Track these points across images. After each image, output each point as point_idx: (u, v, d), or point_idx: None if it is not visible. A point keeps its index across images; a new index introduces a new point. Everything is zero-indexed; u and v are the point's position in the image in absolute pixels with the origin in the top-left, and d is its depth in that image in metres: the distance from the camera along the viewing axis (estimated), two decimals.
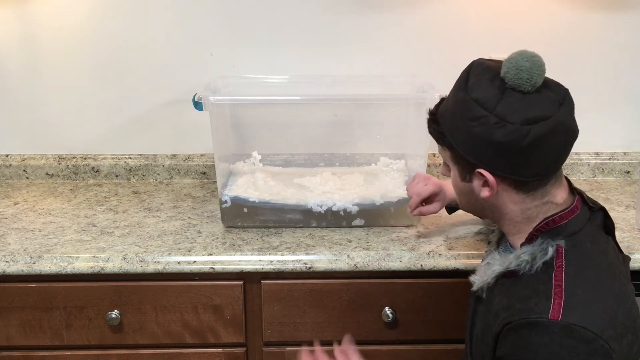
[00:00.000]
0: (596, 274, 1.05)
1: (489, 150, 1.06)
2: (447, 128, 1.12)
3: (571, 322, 0.99)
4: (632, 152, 1.96)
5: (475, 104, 1.05)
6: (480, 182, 1.11)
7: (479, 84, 1.07)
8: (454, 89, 1.12)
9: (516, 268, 1.09)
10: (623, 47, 1.88)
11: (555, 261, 1.06)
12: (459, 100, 1.08)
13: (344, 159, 1.82)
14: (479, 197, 1.12)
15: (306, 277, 1.46)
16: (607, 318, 1.00)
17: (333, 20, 1.83)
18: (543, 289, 1.03)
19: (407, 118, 1.74)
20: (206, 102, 1.48)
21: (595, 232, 1.11)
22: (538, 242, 1.08)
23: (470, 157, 1.09)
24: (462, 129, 1.08)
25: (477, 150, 1.07)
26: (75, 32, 1.83)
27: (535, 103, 1.04)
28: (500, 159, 1.06)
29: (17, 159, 1.92)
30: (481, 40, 1.85)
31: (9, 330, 1.47)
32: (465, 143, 1.08)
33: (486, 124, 1.04)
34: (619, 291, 1.05)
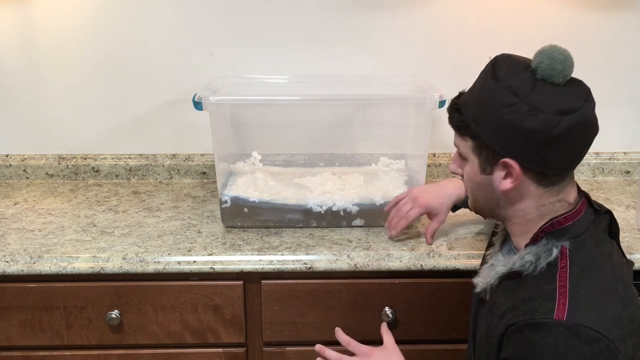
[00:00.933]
0: (600, 275, 1.04)
1: (519, 138, 1.05)
2: (472, 117, 1.10)
3: (576, 322, 0.98)
4: (632, 152, 1.96)
5: (507, 92, 1.05)
6: (502, 174, 1.09)
7: (510, 73, 1.07)
8: (481, 79, 1.12)
9: (520, 269, 1.08)
10: (623, 47, 1.88)
11: (560, 262, 1.05)
12: (489, 88, 1.08)
13: (344, 159, 1.82)
14: (497, 191, 1.11)
15: (306, 277, 1.46)
16: (612, 319, 1.00)
17: (333, 20, 1.83)
18: (547, 290, 1.03)
19: (407, 118, 1.74)
20: (206, 102, 1.48)
21: (600, 235, 1.11)
22: (542, 243, 1.08)
23: (498, 145, 1.07)
24: (492, 117, 1.06)
25: (505, 138, 1.06)
26: (76, 32, 1.83)
27: (565, 95, 1.05)
28: (529, 148, 1.05)
29: (17, 159, 1.92)
30: (481, 40, 1.85)
31: (9, 330, 1.47)
32: (493, 131, 1.07)
33: (518, 111, 1.03)
34: (623, 293, 1.04)
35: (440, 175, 1.94)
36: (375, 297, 1.47)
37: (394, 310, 1.46)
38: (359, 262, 1.43)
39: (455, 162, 1.19)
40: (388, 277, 1.46)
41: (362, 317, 1.48)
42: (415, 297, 1.47)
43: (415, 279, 1.46)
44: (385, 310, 1.46)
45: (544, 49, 1.08)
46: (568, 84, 1.07)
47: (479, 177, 1.12)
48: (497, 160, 1.08)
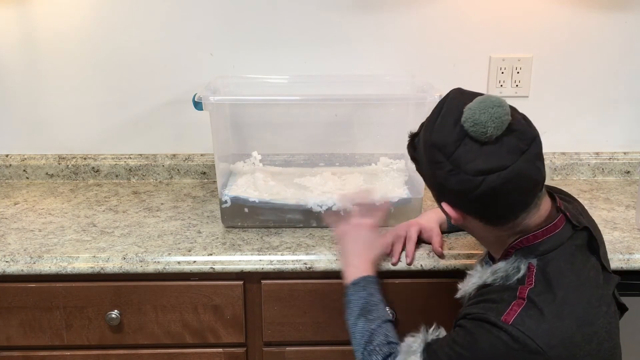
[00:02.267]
0: (563, 294, 1.06)
1: (448, 193, 1.09)
2: (418, 157, 1.15)
3: (520, 329, 1.02)
4: (632, 152, 1.96)
5: (434, 148, 1.07)
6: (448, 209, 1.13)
7: (442, 126, 1.07)
8: (427, 121, 1.13)
9: (492, 283, 1.13)
10: (623, 47, 1.88)
11: (527, 279, 1.09)
12: (425, 139, 1.11)
13: (344, 159, 1.82)
14: None
15: (306, 277, 1.46)
16: (560, 338, 1.02)
17: (333, 20, 1.83)
18: (507, 299, 1.07)
19: (407, 118, 1.74)
20: (206, 102, 1.48)
21: (574, 251, 1.11)
22: (512, 260, 1.11)
23: (435, 190, 1.13)
24: (425, 167, 1.12)
25: (438, 189, 1.11)
26: (76, 32, 1.83)
27: (491, 153, 1.03)
28: (459, 202, 1.09)
29: (17, 159, 1.92)
30: (481, 40, 1.86)
31: (9, 330, 1.47)
32: (428, 179, 1.13)
33: (442, 169, 1.06)
34: (583, 314, 1.05)
35: None
36: None
37: (394, 310, 1.46)
38: None
39: None
40: (388, 277, 1.46)
41: None
42: (415, 297, 1.47)
43: (415, 279, 1.46)
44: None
45: (472, 105, 1.05)
46: (501, 138, 1.04)
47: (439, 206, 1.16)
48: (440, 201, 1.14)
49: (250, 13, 1.82)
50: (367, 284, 1.27)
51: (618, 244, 1.48)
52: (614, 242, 1.48)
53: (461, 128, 1.04)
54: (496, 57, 1.87)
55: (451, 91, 1.13)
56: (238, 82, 1.81)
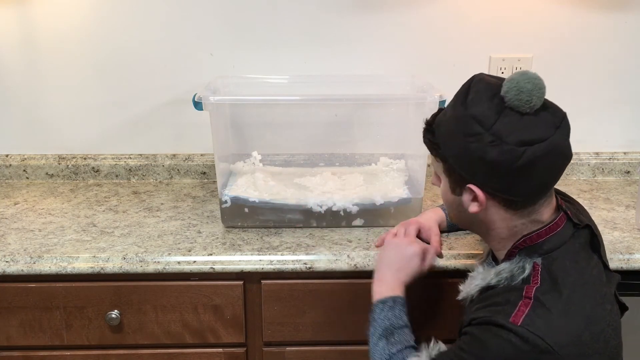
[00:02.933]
0: (569, 292, 1.06)
1: (482, 167, 1.06)
2: (442, 140, 1.12)
3: (529, 329, 1.02)
4: (632, 152, 1.96)
5: (472, 120, 1.06)
6: (469, 197, 1.12)
7: (478, 101, 1.07)
8: (453, 102, 1.12)
9: (496, 284, 1.13)
10: (623, 47, 1.88)
11: (532, 278, 1.08)
12: (457, 115, 1.09)
13: (344, 159, 1.82)
14: (467, 212, 1.14)
15: (306, 277, 1.46)
16: (570, 336, 1.02)
17: (333, 20, 1.83)
18: (513, 300, 1.07)
19: (407, 118, 1.74)
20: (206, 102, 1.48)
21: (577, 250, 1.11)
22: (516, 260, 1.11)
23: (463, 171, 1.10)
24: (458, 143, 1.08)
25: (470, 165, 1.08)
26: (76, 32, 1.83)
27: (532, 125, 1.04)
28: (493, 177, 1.07)
29: (17, 159, 1.92)
30: (481, 40, 1.86)
31: (9, 330, 1.47)
32: (459, 157, 1.09)
33: (481, 141, 1.05)
34: (590, 312, 1.06)
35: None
36: None
37: None
38: (359, 262, 1.43)
39: (435, 177, 1.24)
40: None
41: (362, 317, 1.47)
42: (415, 297, 1.47)
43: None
44: None
45: (513, 77, 1.07)
46: (539, 111, 1.06)
47: (450, 197, 1.16)
48: (465, 184, 1.10)
49: (250, 13, 1.82)
50: (395, 304, 1.25)
51: (618, 244, 1.48)
52: (614, 242, 1.48)
53: (500, 100, 1.05)
54: (496, 57, 1.87)
55: (475, 75, 1.14)
56: (238, 82, 1.81)
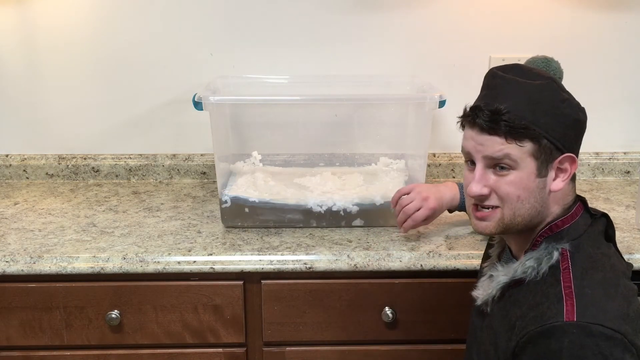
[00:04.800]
0: (602, 274, 1.05)
1: (574, 131, 1.09)
2: (530, 117, 1.04)
3: (587, 321, 0.98)
4: (632, 152, 1.96)
5: (558, 88, 1.08)
6: (553, 175, 1.08)
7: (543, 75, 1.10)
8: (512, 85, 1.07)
9: (522, 276, 1.08)
10: (623, 47, 1.88)
11: (562, 264, 1.05)
12: (538, 87, 1.05)
13: (344, 159, 1.82)
14: (545, 195, 1.08)
15: (306, 277, 1.46)
16: (620, 315, 1.00)
17: (333, 21, 1.83)
18: (553, 292, 1.03)
19: (407, 118, 1.74)
20: (206, 102, 1.48)
21: (597, 237, 1.11)
22: (543, 247, 1.08)
23: (560, 142, 1.06)
24: (552, 114, 1.05)
25: (564, 133, 1.07)
26: (76, 32, 1.83)
27: None
28: (578, 140, 1.10)
29: (17, 159, 1.92)
30: (481, 40, 1.85)
31: (9, 330, 1.47)
32: (554, 128, 1.05)
33: (571, 106, 1.08)
34: (625, 291, 1.05)
35: (440, 176, 1.94)
36: (375, 297, 1.47)
37: (394, 310, 1.46)
38: (359, 262, 1.43)
39: (481, 182, 1.09)
40: (388, 277, 1.46)
41: (362, 317, 1.48)
42: (415, 297, 1.47)
43: (415, 279, 1.46)
44: (385, 310, 1.46)
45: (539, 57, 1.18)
46: None
47: (534, 182, 1.07)
48: (553, 160, 1.06)
49: (250, 13, 1.82)
50: None
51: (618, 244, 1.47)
52: None
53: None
54: (496, 57, 1.87)
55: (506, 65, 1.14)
56: (238, 82, 1.81)
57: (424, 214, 1.44)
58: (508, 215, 1.09)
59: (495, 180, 1.08)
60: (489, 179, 1.08)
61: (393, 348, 1.51)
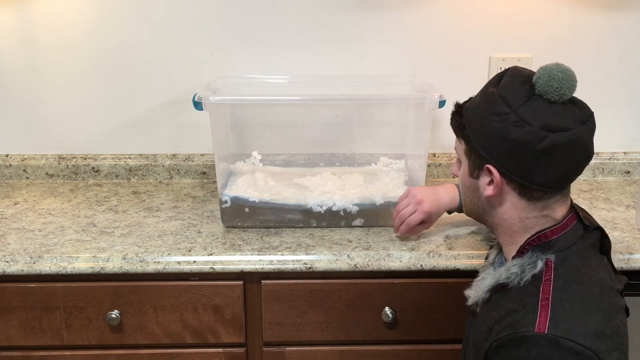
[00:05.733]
0: (585, 289, 1.05)
1: (503, 147, 1.07)
2: (467, 120, 1.14)
3: (558, 335, 0.99)
4: (632, 152, 1.96)
5: (500, 100, 1.08)
6: (486, 180, 1.13)
7: (509, 84, 1.10)
8: (485, 86, 1.15)
9: (505, 281, 1.10)
10: (623, 47, 1.88)
11: (544, 275, 1.06)
12: (486, 94, 1.11)
13: (344, 159, 1.82)
14: (482, 197, 1.15)
15: (306, 277, 1.46)
16: (595, 332, 1.00)
17: (333, 21, 1.83)
18: (530, 302, 1.04)
19: (407, 118, 1.74)
20: (206, 102, 1.48)
21: (587, 250, 1.11)
22: (528, 256, 1.10)
23: (483, 150, 1.10)
24: (482, 122, 1.10)
25: (491, 145, 1.09)
26: (76, 32, 1.83)
27: (558, 113, 1.06)
28: (512, 159, 1.07)
29: (17, 159, 1.92)
30: (481, 40, 1.85)
31: (9, 330, 1.47)
32: (481, 136, 1.11)
33: (506, 121, 1.06)
34: (607, 308, 1.04)
35: (440, 176, 1.94)
36: (375, 297, 1.47)
37: (394, 310, 1.46)
38: (359, 262, 1.43)
39: (456, 165, 1.25)
40: (388, 277, 1.46)
41: (362, 317, 1.48)
42: (415, 297, 1.47)
43: (415, 279, 1.46)
44: (385, 310, 1.46)
45: (547, 65, 1.09)
46: (567, 104, 1.08)
47: (468, 180, 1.18)
48: (483, 165, 1.12)
49: (250, 13, 1.82)
50: None
51: (618, 244, 1.48)
52: (614, 242, 1.47)
53: (531, 87, 1.08)
54: (496, 57, 1.87)
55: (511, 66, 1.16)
56: (238, 82, 1.81)
57: (418, 217, 1.44)
58: (463, 203, 1.27)
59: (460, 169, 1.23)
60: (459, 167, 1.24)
61: (393, 348, 1.51)
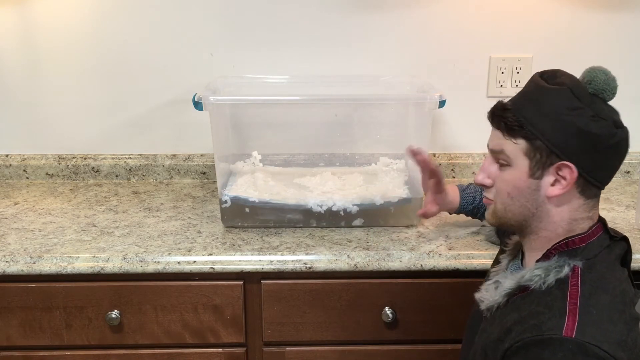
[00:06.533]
0: (610, 297, 1.04)
1: (580, 142, 1.04)
2: (528, 117, 1.06)
3: (585, 340, 0.97)
4: (632, 152, 1.94)
5: (572, 95, 1.05)
6: (551, 180, 1.06)
7: (570, 81, 1.07)
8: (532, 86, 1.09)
9: (528, 283, 1.07)
10: (623, 47, 1.88)
11: (571, 279, 1.05)
12: (550, 91, 1.06)
13: (344, 159, 1.82)
14: (539, 199, 1.08)
15: (306, 277, 1.46)
16: (619, 341, 0.99)
17: (333, 21, 1.83)
18: (557, 306, 1.02)
19: (407, 118, 1.74)
20: (206, 102, 1.48)
21: (612, 260, 1.10)
22: (554, 260, 1.07)
23: (557, 148, 1.04)
24: (554, 118, 1.04)
25: (566, 141, 1.04)
26: (76, 32, 1.83)
27: (614, 111, 1.08)
28: (587, 153, 1.04)
29: (17, 159, 1.92)
30: (481, 40, 1.86)
31: (9, 330, 1.47)
32: (554, 133, 1.04)
33: (583, 115, 1.04)
34: (629, 318, 1.04)
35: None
36: (375, 297, 1.47)
37: (394, 310, 1.46)
38: (359, 262, 1.43)
39: (486, 171, 1.14)
40: (388, 277, 1.46)
41: (362, 317, 1.48)
42: (415, 297, 1.47)
43: (415, 279, 1.46)
44: (385, 310, 1.46)
45: (595, 66, 1.09)
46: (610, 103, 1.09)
47: (526, 181, 1.08)
48: (550, 164, 1.05)
49: (250, 13, 1.82)
50: None
51: None
52: None
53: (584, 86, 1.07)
54: (496, 57, 1.87)
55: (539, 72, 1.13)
56: (238, 82, 1.81)
57: None
58: (500, 209, 1.13)
59: (497, 175, 1.12)
60: (493, 171, 1.13)
61: (393, 348, 1.51)
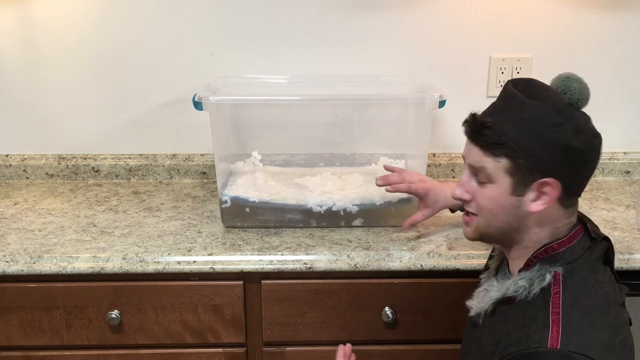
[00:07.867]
0: (593, 302, 1.04)
1: (563, 158, 1.03)
2: (510, 135, 1.04)
3: (570, 350, 0.98)
4: (632, 152, 1.96)
5: (552, 111, 1.04)
6: (532, 196, 1.06)
7: (548, 95, 1.06)
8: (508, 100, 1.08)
9: (513, 294, 1.09)
10: (623, 47, 1.88)
11: (553, 288, 1.06)
12: (530, 107, 1.04)
13: (344, 159, 1.82)
14: (521, 214, 1.08)
15: (306, 277, 1.46)
16: (606, 346, 1.00)
17: (333, 21, 1.83)
18: (540, 317, 1.03)
19: (407, 118, 1.74)
20: (206, 102, 1.48)
21: (593, 262, 1.10)
22: (536, 269, 1.08)
23: (541, 165, 1.04)
24: (538, 136, 1.03)
25: (549, 158, 1.04)
26: (76, 32, 1.83)
27: (588, 117, 1.08)
28: (569, 168, 1.04)
29: (17, 159, 1.92)
30: (481, 40, 1.86)
31: (9, 330, 1.47)
32: (537, 151, 1.03)
33: (565, 130, 1.03)
34: (614, 320, 1.04)
35: (440, 176, 1.94)
36: (375, 297, 1.47)
37: (394, 310, 1.46)
38: (359, 262, 1.43)
39: (464, 186, 1.13)
40: (388, 277, 1.46)
41: (362, 317, 1.48)
42: (415, 297, 1.47)
43: (415, 279, 1.46)
44: (385, 310, 1.46)
45: (565, 74, 1.08)
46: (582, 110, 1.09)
47: (507, 199, 1.07)
48: (533, 181, 1.05)
49: (250, 13, 1.82)
50: None
51: (618, 244, 1.48)
52: (614, 242, 1.47)
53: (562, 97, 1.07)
54: (496, 57, 1.87)
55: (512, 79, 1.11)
56: (238, 82, 1.81)
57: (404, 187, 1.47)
58: (482, 225, 1.13)
59: (476, 189, 1.11)
60: (472, 186, 1.12)
61: (393, 348, 1.51)
